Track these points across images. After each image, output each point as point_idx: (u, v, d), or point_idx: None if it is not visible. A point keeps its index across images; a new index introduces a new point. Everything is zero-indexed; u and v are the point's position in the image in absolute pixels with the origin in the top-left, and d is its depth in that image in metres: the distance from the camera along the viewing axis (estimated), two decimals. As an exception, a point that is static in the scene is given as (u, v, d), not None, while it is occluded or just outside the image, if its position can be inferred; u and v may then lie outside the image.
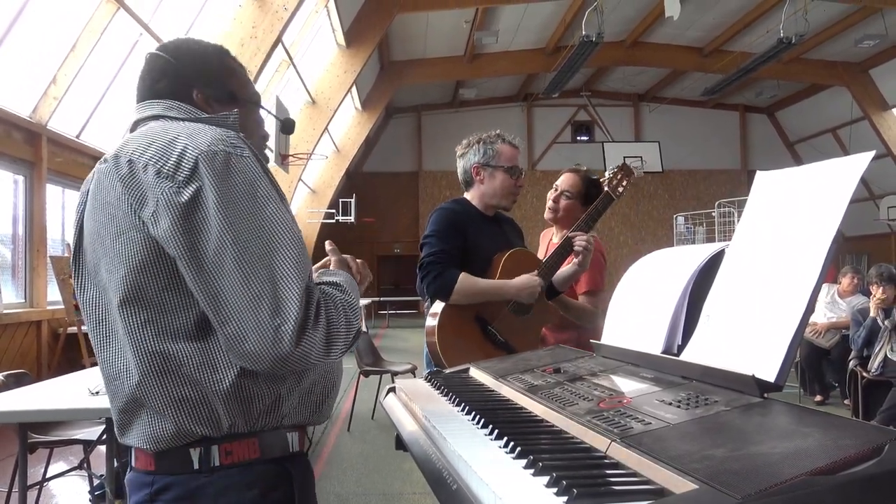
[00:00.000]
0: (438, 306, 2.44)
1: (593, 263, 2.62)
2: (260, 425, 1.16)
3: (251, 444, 1.16)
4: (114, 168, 1.14)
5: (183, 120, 1.24)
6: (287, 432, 1.21)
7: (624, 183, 2.66)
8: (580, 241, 2.50)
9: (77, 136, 7.79)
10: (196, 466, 1.14)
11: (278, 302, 1.06)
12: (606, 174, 2.68)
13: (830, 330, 6.79)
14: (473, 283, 2.38)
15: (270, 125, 1.51)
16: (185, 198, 1.07)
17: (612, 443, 0.98)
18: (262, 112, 1.43)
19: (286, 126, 1.57)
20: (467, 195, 2.66)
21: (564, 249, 2.52)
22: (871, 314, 5.47)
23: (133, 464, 1.21)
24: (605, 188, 2.63)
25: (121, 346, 1.16)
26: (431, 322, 2.44)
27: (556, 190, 2.90)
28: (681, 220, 16.19)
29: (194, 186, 1.07)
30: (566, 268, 2.56)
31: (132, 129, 1.28)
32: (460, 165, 2.66)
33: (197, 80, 1.31)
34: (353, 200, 17.71)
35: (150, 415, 1.14)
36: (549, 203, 2.90)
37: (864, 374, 5.51)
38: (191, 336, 1.12)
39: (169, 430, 1.13)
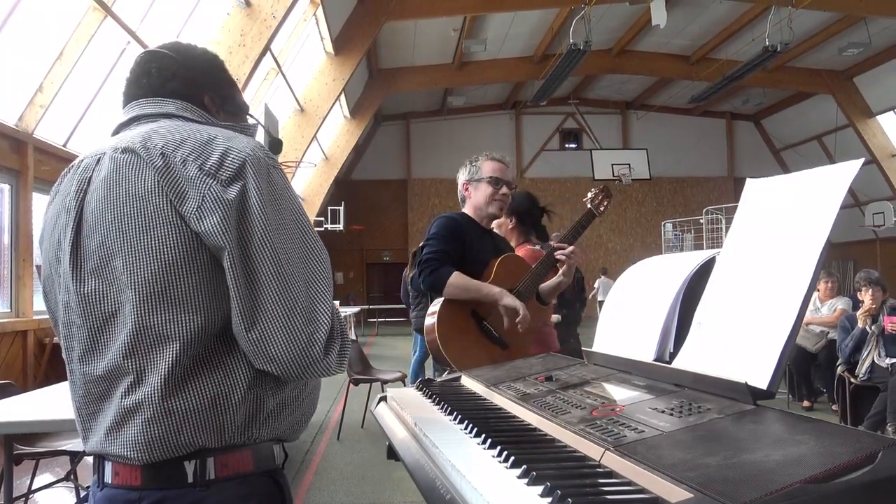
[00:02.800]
0: (437, 304, 2.57)
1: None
2: (255, 436, 1.14)
3: (245, 456, 1.13)
4: (144, 159, 1.09)
5: (202, 123, 1.21)
6: (273, 445, 1.20)
7: (605, 203, 2.87)
8: (562, 253, 2.67)
9: (64, 145, 7.74)
10: (190, 480, 1.08)
11: (312, 310, 1.09)
12: (589, 194, 2.88)
13: (818, 333, 6.83)
14: (465, 280, 2.54)
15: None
16: (232, 196, 1.06)
17: (606, 451, 0.97)
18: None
19: (274, 146, 1.55)
20: (465, 210, 2.85)
21: (548, 262, 2.70)
22: (860, 325, 5.49)
23: (109, 480, 1.12)
24: (588, 206, 2.84)
25: (128, 345, 1.08)
26: (430, 320, 2.56)
27: None
28: (669, 226, 16.28)
29: (238, 186, 1.07)
30: (552, 280, 2.78)
31: (128, 124, 1.22)
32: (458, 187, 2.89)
33: (207, 85, 1.29)
34: (342, 208, 17.69)
35: (147, 421, 1.07)
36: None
37: (852, 379, 5.54)
38: (215, 338, 1.09)
39: (168, 437, 1.07)
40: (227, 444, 1.10)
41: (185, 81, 1.25)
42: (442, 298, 2.56)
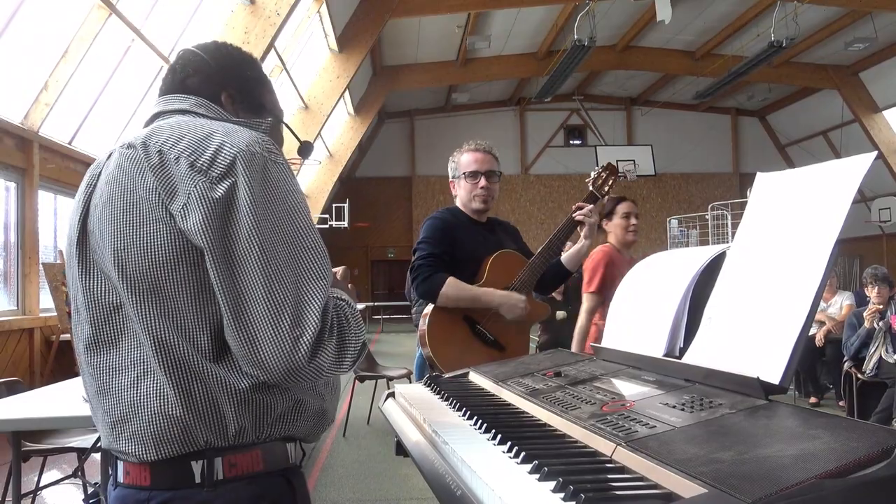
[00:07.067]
0: (428, 308, 2.53)
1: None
2: (265, 435, 1.13)
3: (254, 456, 1.12)
4: (143, 155, 1.10)
5: (212, 119, 1.21)
6: (286, 444, 1.18)
7: (610, 182, 2.73)
8: (581, 213, 2.57)
9: (69, 143, 7.74)
10: (198, 480, 1.08)
11: (299, 312, 1.04)
12: (591, 174, 2.76)
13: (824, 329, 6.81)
14: (460, 289, 2.47)
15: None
16: (219, 194, 1.04)
17: (618, 447, 0.97)
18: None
19: (304, 149, 1.52)
20: (457, 204, 2.79)
21: (565, 230, 2.59)
22: (866, 325, 5.47)
23: (121, 479, 1.13)
24: (591, 188, 2.71)
25: (134, 338, 1.10)
26: (422, 326, 2.52)
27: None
28: (674, 222, 16.24)
29: (228, 183, 1.05)
30: (572, 248, 2.68)
31: (151, 120, 1.24)
32: None
33: (228, 83, 1.29)
34: (346, 205, 17.69)
35: (153, 415, 1.07)
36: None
37: (859, 375, 5.52)
38: (208, 335, 1.07)
39: (173, 431, 1.07)
40: (233, 443, 1.09)
41: (206, 79, 1.27)
42: (433, 305, 2.49)
